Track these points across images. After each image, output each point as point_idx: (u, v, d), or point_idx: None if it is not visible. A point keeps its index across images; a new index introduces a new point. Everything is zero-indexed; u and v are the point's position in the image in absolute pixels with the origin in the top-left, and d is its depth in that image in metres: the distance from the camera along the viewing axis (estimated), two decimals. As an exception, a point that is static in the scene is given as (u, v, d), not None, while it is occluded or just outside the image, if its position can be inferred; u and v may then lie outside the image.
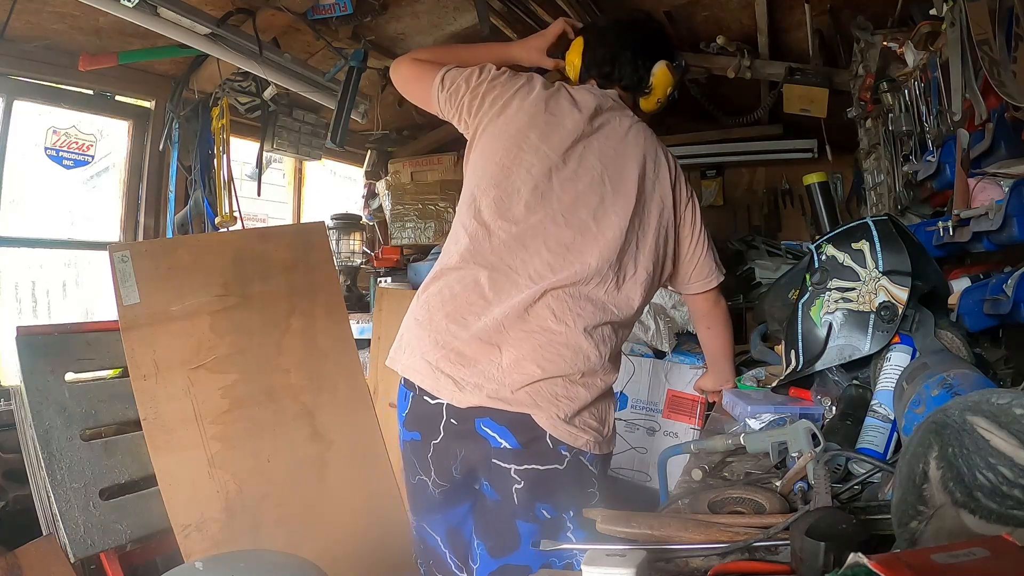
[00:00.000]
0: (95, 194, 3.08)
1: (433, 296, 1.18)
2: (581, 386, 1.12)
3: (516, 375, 1.09)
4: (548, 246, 1.15)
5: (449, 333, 1.13)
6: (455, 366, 1.12)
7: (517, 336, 1.11)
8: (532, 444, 1.10)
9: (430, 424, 1.16)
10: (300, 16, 2.22)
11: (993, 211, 1.15)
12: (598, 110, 1.25)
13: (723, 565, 0.72)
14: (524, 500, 1.12)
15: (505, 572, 1.15)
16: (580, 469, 1.13)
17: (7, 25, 2.00)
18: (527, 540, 1.12)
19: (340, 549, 1.75)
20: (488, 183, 1.20)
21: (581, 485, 1.15)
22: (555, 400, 1.10)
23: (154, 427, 1.63)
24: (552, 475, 1.11)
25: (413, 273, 3.04)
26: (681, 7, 2.51)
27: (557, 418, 1.09)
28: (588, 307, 1.14)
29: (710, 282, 1.37)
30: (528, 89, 1.25)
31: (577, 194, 1.18)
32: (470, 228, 1.19)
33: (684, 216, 1.31)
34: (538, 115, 1.22)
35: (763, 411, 1.27)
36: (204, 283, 1.79)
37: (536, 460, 1.11)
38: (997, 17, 1.14)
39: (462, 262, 1.17)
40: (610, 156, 1.22)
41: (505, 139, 1.21)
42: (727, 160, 3.55)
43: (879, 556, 0.44)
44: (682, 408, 2.06)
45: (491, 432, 1.11)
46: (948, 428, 0.57)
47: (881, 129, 1.98)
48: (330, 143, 2.61)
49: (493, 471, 1.13)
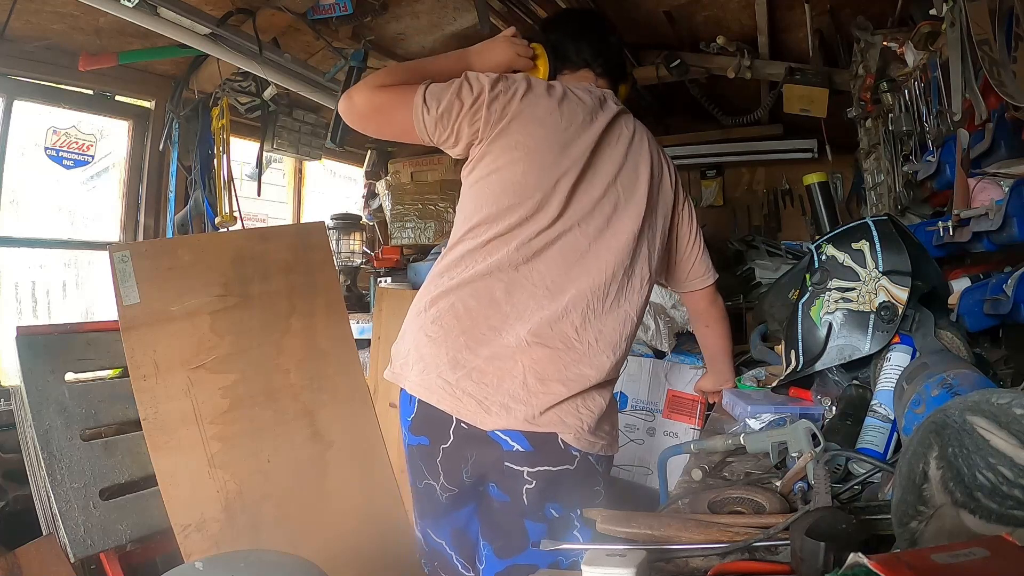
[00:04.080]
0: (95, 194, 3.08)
1: (445, 312, 1.12)
2: (599, 395, 1.11)
3: (543, 396, 1.07)
4: (564, 254, 1.13)
5: (468, 350, 1.09)
6: (478, 385, 1.08)
7: (541, 354, 1.08)
8: (544, 447, 1.08)
9: (440, 429, 1.13)
10: (300, 16, 2.22)
11: (993, 211, 1.15)
12: (602, 110, 1.23)
13: (723, 565, 0.72)
14: (534, 500, 1.10)
15: (512, 572, 1.14)
16: (588, 469, 1.12)
17: (7, 25, 2.00)
18: (535, 539, 1.10)
19: (340, 549, 1.75)
20: (506, 195, 1.14)
21: (588, 484, 1.14)
22: (578, 415, 1.08)
23: (154, 427, 1.63)
24: (564, 475, 1.10)
25: (413, 273, 3.04)
26: (681, 7, 2.51)
27: (581, 431, 1.08)
28: (608, 320, 1.12)
29: (707, 279, 1.40)
30: (533, 96, 1.17)
31: (593, 202, 1.16)
32: (483, 240, 1.14)
33: (682, 216, 1.33)
34: (553, 125, 1.16)
35: (763, 411, 1.27)
36: (204, 283, 1.79)
37: (548, 462, 1.09)
38: (997, 17, 1.14)
39: (476, 275, 1.12)
40: (620, 161, 1.20)
41: (521, 151, 1.15)
42: (727, 160, 3.55)
43: (879, 556, 0.44)
44: (682, 408, 2.06)
45: (503, 436, 1.08)
46: (948, 428, 0.57)
47: (881, 129, 1.97)
48: (330, 143, 2.61)
49: (505, 474, 1.10)
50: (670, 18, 2.56)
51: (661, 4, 2.48)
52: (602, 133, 1.19)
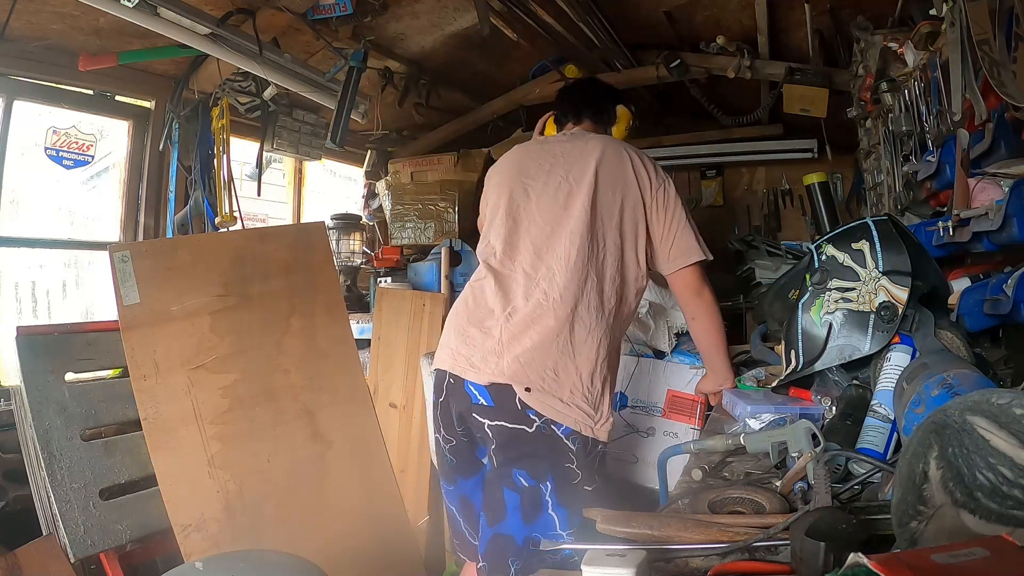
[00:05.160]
0: (95, 194, 3.08)
1: (458, 303, 1.47)
2: (572, 365, 1.29)
3: (513, 348, 1.30)
4: (532, 238, 1.41)
5: (471, 324, 1.38)
6: (469, 347, 1.35)
7: (515, 325, 1.32)
8: (503, 403, 1.28)
9: (439, 386, 1.41)
10: (300, 16, 2.22)
11: (993, 211, 1.15)
12: (565, 139, 1.54)
13: (723, 565, 0.72)
14: (501, 462, 1.29)
15: (496, 541, 1.27)
16: (553, 440, 1.27)
17: (7, 25, 2.00)
18: (512, 510, 1.26)
19: (340, 549, 1.75)
20: (492, 219, 1.50)
21: (555, 456, 1.26)
22: (541, 374, 1.28)
23: (154, 427, 1.63)
24: (520, 436, 1.27)
25: (413, 273, 3.04)
26: (681, 7, 2.51)
27: (542, 390, 1.27)
28: (572, 287, 1.33)
29: (689, 258, 1.46)
30: (510, 156, 1.57)
31: (548, 195, 1.44)
32: (482, 255, 1.51)
33: (656, 198, 1.45)
34: (517, 164, 1.53)
35: (763, 411, 1.27)
36: (204, 283, 1.79)
37: (505, 418, 1.28)
38: (997, 17, 1.13)
39: (474, 279, 1.47)
40: (572, 162, 1.46)
41: (500, 190, 1.51)
42: (727, 160, 3.56)
43: (879, 556, 0.44)
44: (682, 408, 2.06)
45: (473, 390, 1.32)
46: (948, 428, 0.57)
47: (881, 129, 1.97)
48: (330, 143, 2.61)
49: (476, 428, 1.32)
50: (670, 18, 2.57)
51: (661, 4, 2.49)
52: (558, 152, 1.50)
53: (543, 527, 1.25)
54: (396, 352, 2.74)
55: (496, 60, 2.99)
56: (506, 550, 1.26)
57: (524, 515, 1.26)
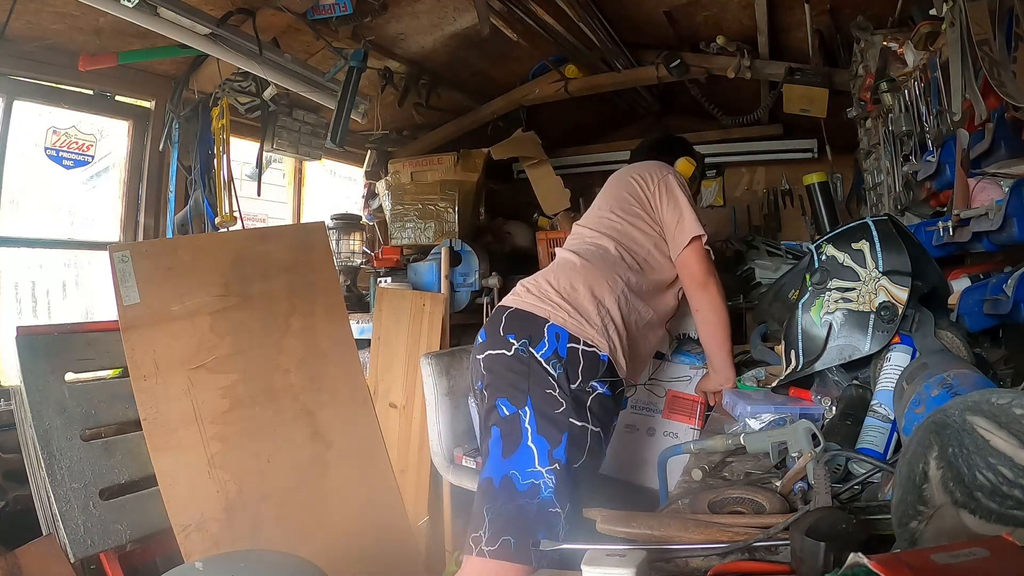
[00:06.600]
0: (95, 194, 3.08)
1: None
2: (585, 297, 1.38)
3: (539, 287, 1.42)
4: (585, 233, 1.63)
5: None
6: None
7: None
8: (491, 335, 1.35)
9: None
10: (300, 16, 2.22)
11: (993, 211, 1.15)
12: None
13: (723, 565, 0.72)
14: (489, 395, 1.32)
15: (482, 485, 1.27)
16: (531, 363, 1.28)
17: (7, 25, 2.00)
18: (493, 443, 1.26)
19: (340, 549, 1.75)
20: None
21: (534, 381, 1.26)
22: (543, 290, 1.40)
23: (154, 427, 1.63)
24: (500, 360, 1.31)
25: (413, 273, 3.04)
26: (681, 7, 2.51)
27: (533, 301, 1.37)
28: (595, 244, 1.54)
29: (686, 236, 1.54)
30: None
31: (599, 209, 1.66)
32: None
33: (660, 192, 1.59)
34: None
35: (763, 411, 1.27)
36: (204, 283, 1.79)
37: (489, 347, 1.34)
38: (997, 17, 1.13)
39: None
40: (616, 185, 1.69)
41: None
42: (727, 160, 3.56)
43: (879, 556, 0.44)
44: (682, 408, 2.06)
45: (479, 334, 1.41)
46: (948, 428, 0.57)
47: (881, 129, 1.97)
48: (330, 143, 2.61)
49: (475, 371, 1.39)
50: (670, 18, 2.57)
51: (661, 4, 2.49)
52: None
53: (521, 461, 1.21)
54: (396, 352, 2.75)
55: (496, 60, 3.00)
56: (483, 498, 1.23)
57: (504, 448, 1.23)
